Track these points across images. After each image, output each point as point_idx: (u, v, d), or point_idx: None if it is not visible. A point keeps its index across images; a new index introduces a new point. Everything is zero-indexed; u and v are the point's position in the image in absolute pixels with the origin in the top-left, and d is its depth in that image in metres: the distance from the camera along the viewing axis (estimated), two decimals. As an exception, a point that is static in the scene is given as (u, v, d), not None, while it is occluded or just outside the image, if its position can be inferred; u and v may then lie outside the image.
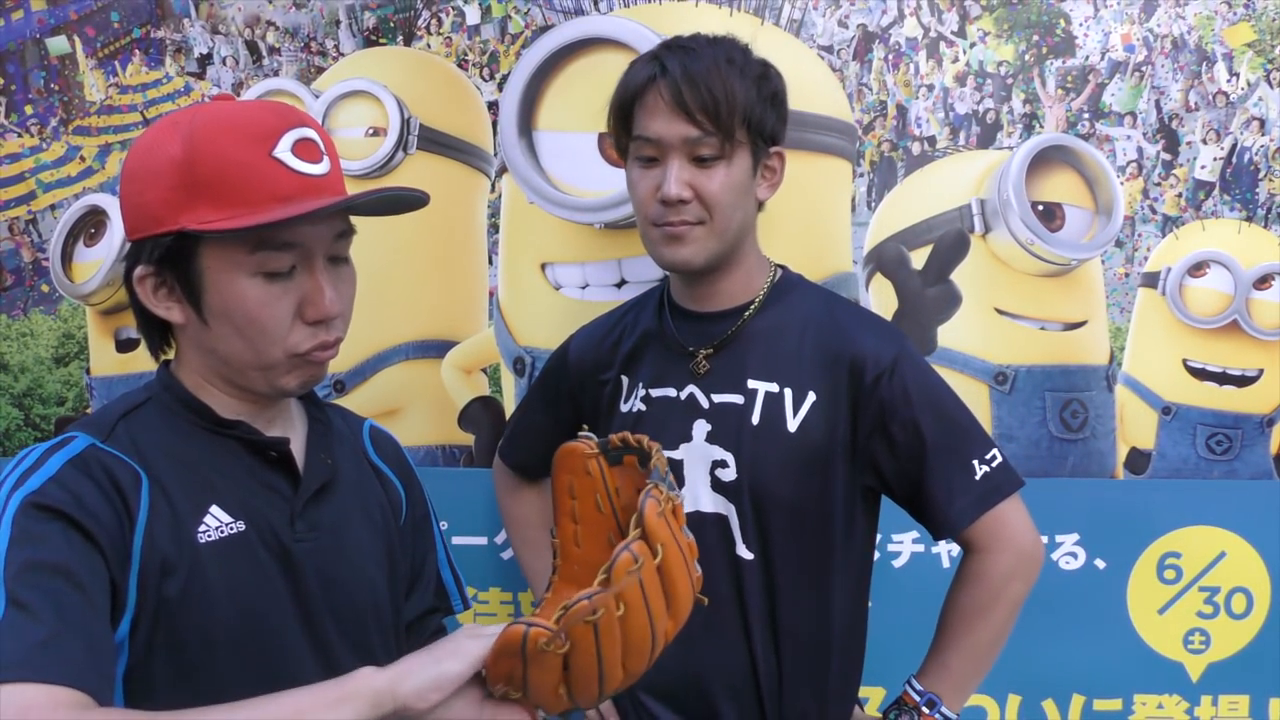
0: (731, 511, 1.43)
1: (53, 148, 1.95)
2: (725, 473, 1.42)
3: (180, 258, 1.01)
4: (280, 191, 0.99)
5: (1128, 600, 1.92)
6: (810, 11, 1.86)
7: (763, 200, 1.45)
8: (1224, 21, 1.84)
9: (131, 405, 1.07)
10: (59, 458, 0.99)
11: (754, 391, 1.42)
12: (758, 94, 1.37)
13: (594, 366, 1.57)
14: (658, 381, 1.49)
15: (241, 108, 1.05)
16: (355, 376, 1.94)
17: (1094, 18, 1.85)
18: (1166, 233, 1.89)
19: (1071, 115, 1.87)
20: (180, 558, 1.00)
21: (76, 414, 1.98)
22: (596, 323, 1.63)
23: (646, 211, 1.40)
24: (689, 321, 1.48)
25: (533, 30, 1.89)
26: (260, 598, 1.05)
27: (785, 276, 1.50)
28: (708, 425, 1.43)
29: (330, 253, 1.06)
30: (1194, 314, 1.89)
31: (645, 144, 1.38)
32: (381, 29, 1.91)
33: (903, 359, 1.41)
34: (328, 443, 1.17)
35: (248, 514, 1.06)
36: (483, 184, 1.92)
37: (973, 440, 1.42)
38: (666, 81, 1.35)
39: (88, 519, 0.96)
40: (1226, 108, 1.86)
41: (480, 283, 1.94)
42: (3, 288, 1.99)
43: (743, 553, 1.42)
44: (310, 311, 1.04)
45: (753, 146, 1.39)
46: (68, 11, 1.92)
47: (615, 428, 1.51)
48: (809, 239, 1.88)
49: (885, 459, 1.41)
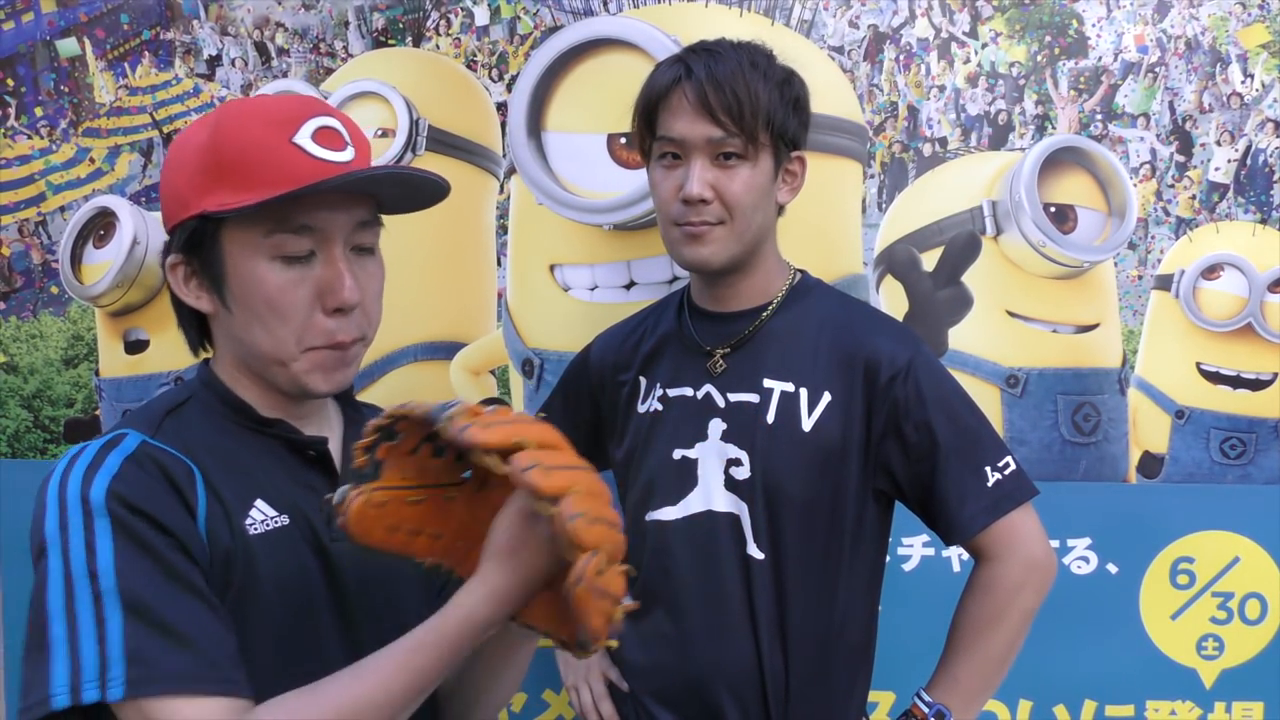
0: (744, 510, 1.43)
1: (62, 149, 1.95)
2: (739, 471, 1.43)
3: (204, 243, 1.02)
4: (296, 175, 0.98)
5: (1140, 605, 1.90)
6: (821, 12, 1.85)
7: (783, 204, 1.46)
8: (1238, 23, 1.83)
9: (175, 402, 1.07)
10: (117, 455, 0.98)
11: (769, 390, 1.43)
12: (780, 98, 1.39)
13: (614, 367, 1.59)
14: (675, 381, 1.50)
15: (271, 98, 1.07)
16: (364, 378, 1.94)
17: (1107, 18, 1.84)
18: (1180, 235, 1.87)
19: (1084, 116, 1.86)
20: (236, 549, 1.01)
21: (85, 415, 1.99)
22: (619, 325, 1.64)
23: (668, 211, 1.41)
24: (707, 322, 1.49)
25: (542, 31, 1.88)
26: (304, 593, 1.06)
27: (804, 280, 1.51)
28: (723, 424, 1.44)
29: (353, 241, 1.05)
30: (1207, 317, 1.88)
31: (668, 144, 1.40)
32: (390, 30, 1.91)
33: (918, 361, 1.41)
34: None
35: (290, 509, 1.06)
36: (491, 185, 1.91)
37: (986, 446, 1.42)
38: (691, 83, 1.37)
39: (168, 515, 0.96)
40: (1241, 109, 1.84)
41: (489, 284, 1.93)
42: (13, 289, 1.99)
43: (754, 552, 1.42)
44: (330, 299, 1.02)
45: (775, 150, 1.40)
46: (78, 14, 1.93)
47: (632, 428, 1.54)
48: (820, 240, 1.87)
49: (898, 461, 1.41)
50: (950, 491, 1.39)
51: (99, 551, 0.93)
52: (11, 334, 1.99)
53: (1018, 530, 1.40)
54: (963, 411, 1.42)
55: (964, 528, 1.40)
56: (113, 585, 0.92)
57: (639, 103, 1.44)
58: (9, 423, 1.99)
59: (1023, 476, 1.42)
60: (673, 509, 1.47)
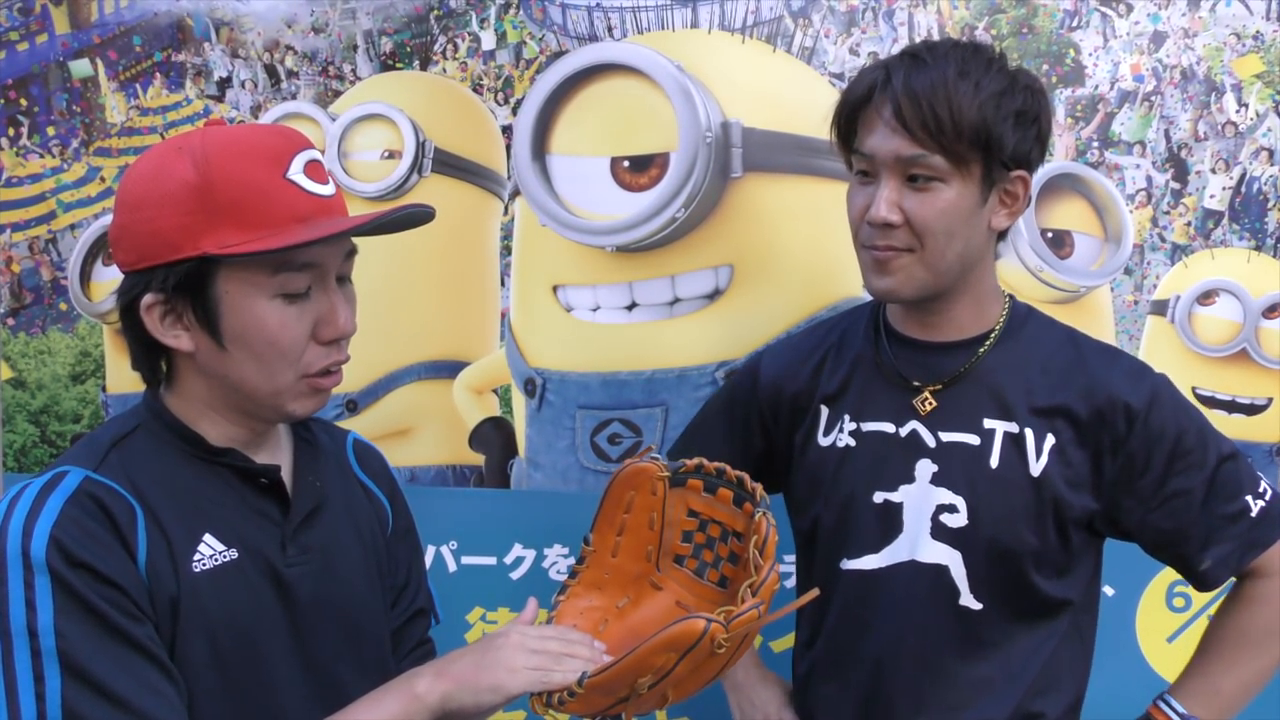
0: (956, 559, 1.31)
1: (74, 168, 1.98)
2: (954, 518, 1.30)
3: (197, 283, 1.01)
4: (299, 212, 1.00)
5: (1136, 628, 1.91)
6: (822, 39, 1.88)
7: (999, 229, 1.31)
8: (1233, 53, 1.85)
9: (122, 433, 1.06)
10: (57, 498, 0.97)
11: (990, 432, 1.30)
12: (997, 111, 1.23)
13: (791, 394, 1.44)
14: (870, 414, 1.36)
15: (248, 131, 1.05)
16: (367, 396, 1.96)
17: (1103, 48, 1.87)
18: (1175, 261, 1.89)
19: (1081, 144, 1.88)
20: (179, 588, 1.00)
21: (88, 433, 2.00)
22: (792, 344, 1.51)
23: (856, 233, 1.30)
24: (911, 350, 1.35)
25: (547, 56, 1.91)
26: (254, 622, 1.06)
27: (1017, 307, 1.38)
28: (933, 466, 1.31)
29: (340, 272, 1.07)
30: (1203, 342, 1.89)
31: (861, 160, 1.28)
32: (398, 54, 1.93)
33: (1157, 402, 1.30)
34: (315, 464, 1.17)
35: (240, 541, 1.06)
36: (496, 206, 1.93)
37: (1244, 476, 1.33)
38: (887, 94, 1.24)
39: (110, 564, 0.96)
40: (1235, 138, 1.87)
41: (492, 304, 1.95)
42: (22, 306, 2.01)
43: (969, 603, 1.31)
44: (326, 331, 1.05)
45: (985, 169, 1.25)
46: (91, 35, 1.95)
47: (813, 462, 1.40)
48: (820, 264, 1.89)
49: (1134, 511, 1.32)
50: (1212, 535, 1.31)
51: (39, 609, 0.92)
52: (20, 349, 2.01)
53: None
54: (1211, 447, 1.32)
55: (1231, 565, 1.33)
56: (52, 646, 0.91)
57: (837, 110, 1.31)
58: (16, 437, 2.01)
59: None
60: (875, 557, 1.34)
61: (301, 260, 1.02)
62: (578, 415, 1.92)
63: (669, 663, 0.94)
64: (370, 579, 1.19)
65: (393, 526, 1.26)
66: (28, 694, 0.91)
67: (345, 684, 1.09)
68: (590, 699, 0.97)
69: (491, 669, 0.99)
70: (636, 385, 1.91)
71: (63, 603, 0.92)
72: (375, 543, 1.22)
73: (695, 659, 0.93)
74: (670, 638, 0.93)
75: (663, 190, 1.85)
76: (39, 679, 0.91)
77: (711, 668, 0.96)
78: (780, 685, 1.54)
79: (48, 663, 0.91)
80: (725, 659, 0.96)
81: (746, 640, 0.98)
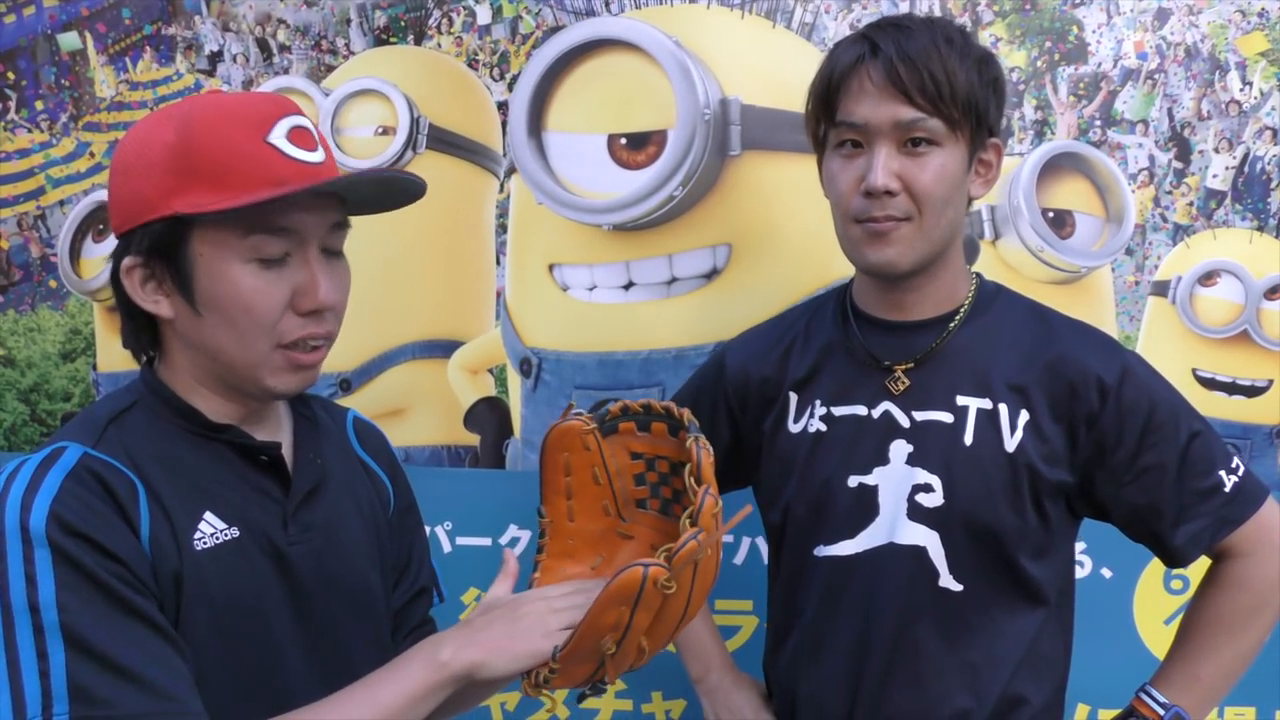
0: (934, 540, 1.30)
1: (63, 143, 1.95)
2: (930, 498, 1.30)
3: (171, 245, 0.99)
4: (275, 175, 0.98)
5: (1134, 610, 1.91)
6: (822, 15, 1.86)
7: (975, 198, 1.32)
8: (1237, 30, 1.83)
9: (119, 409, 1.05)
10: (56, 473, 0.95)
11: (964, 409, 1.30)
12: (980, 78, 1.24)
13: (759, 382, 1.43)
14: (842, 398, 1.35)
15: (237, 96, 1.05)
16: (361, 375, 1.94)
17: (1107, 25, 1.85)
18: (1177, 241, 1.88)
19: (1083, 122, 1.86)
20: (182, 564, 0.99)
21: (82, 409, 1.99)
22: (757, 332, 1.49)
23: (847, 206, 1.27)
24: (881, 331, 1.35)
25: (543, 31, 1.88)
26: (256, 600, 1.05)
27: (985, 284, 1.38)
28: (908, 446, 1.31)
29: (325, 244, 1.04)
30: (1204, 323, 1.88)
31: (849, 130, 1.25)
32: (392, 28, 1.91)
33: (1129, 376, 1.29)
34: (316, 441, 1.16)
35: (241, 519, 1.05)
36: (491, 184, 1.92)
37: (1215, 451, 1.32)
38: (878, 62, 1.22)
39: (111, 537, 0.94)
40: (1239, 117, 1.85)
41: (488, 283, 1.94)
42: (11, 283, 1.99)
43: (949, 584, 1.30)
44: (304, 301, 1.02)
45: (970, 136, 1.26)
46: (79, 8, 1.93)
47: (783, 449, 1.38)
48: (818, 243, 1.87)
49: (1107, 485, 1.31)
50: (1185, 511, 1.30)
51: (40, 584, 0.90)
52: (9, 327, 1.99)
53: (1270, 524, 1.32)
54: (1183, 422, 1.31)
55: (1204, 541, 1.31)
56: (55, 620, 0.90)
57: (815, 85, 1.29)
58: (6, 416, 1.99)
59: (1253, 475, 1.34)
60: (851, 542, 1.33)
61: (276, 224, 0.99)
62: (574, 395, 1.90)
63: (623, 617, 0.92)
64: (371, 557, 1.18)
65: (394, 505, 1.25)
66: (31, 674, 0.89)
67: (353, 659, 1.08)
68: (570, 671, 0.96)
69: (527, 634, 0.97)
70: (633, 365, 1.90)
71: (64, 575, 0.91)
72: (376, 520, 1.21)
73: (649, 605, 0.91)
74: (612, 593, 0.91)
75: (660, 168, 1.84)
76: (42, 656, 0.89)
77: (674, 607, 0.94)
78: (755, 688, 1.52)
79: (51, 638, 0.89)
80: (684, 596, 0.94)
81: (703, 570, 0.95)
